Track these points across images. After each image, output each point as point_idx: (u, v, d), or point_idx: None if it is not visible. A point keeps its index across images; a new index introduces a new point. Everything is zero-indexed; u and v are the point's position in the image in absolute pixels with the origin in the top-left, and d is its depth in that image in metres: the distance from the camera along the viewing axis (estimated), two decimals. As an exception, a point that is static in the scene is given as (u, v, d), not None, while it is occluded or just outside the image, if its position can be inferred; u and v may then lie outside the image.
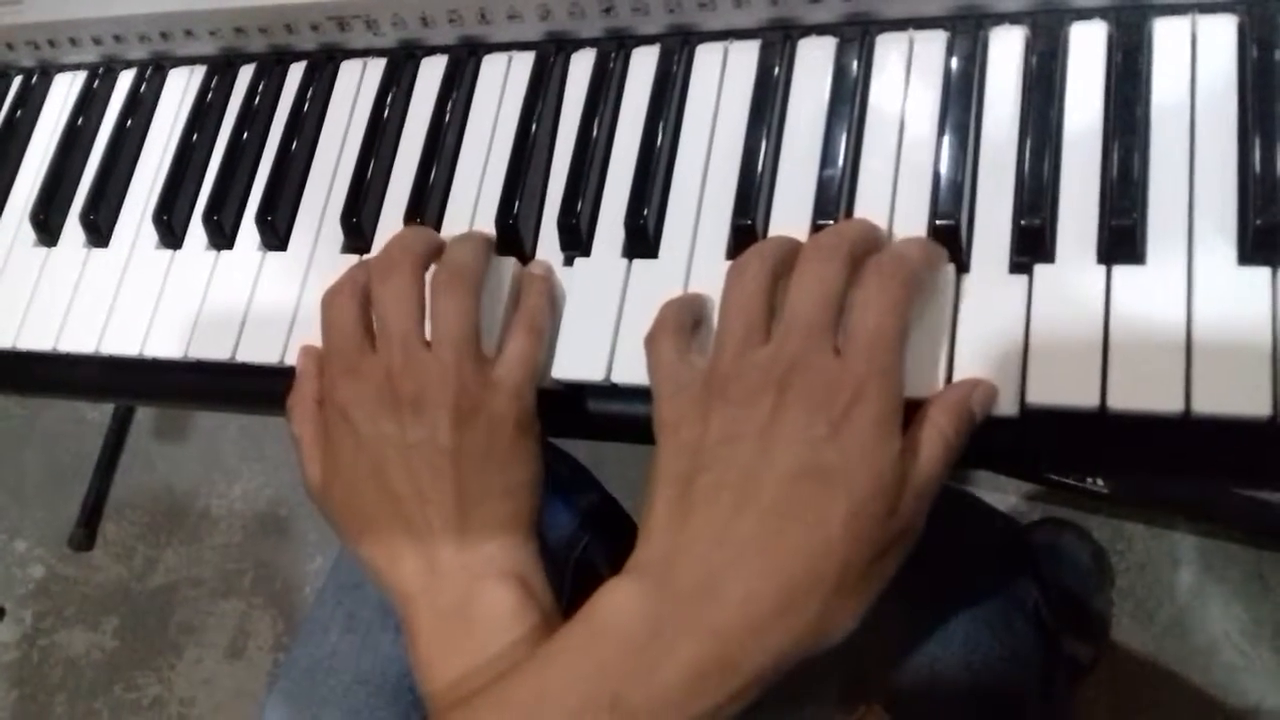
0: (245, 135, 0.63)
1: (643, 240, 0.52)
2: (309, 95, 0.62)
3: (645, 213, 0.52)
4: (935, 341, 0.46)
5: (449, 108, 0.59)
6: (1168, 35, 0.49)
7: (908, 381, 0.44)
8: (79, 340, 0.60)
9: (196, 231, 0.61)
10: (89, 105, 0.67)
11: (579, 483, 0.75)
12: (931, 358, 0.46)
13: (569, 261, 0.54)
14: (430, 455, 0.48)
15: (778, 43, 0.54)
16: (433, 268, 0.52)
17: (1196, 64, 0.48)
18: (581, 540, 0.71)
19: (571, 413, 0.53)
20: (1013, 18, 0.51)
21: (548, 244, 0.55)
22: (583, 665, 0.41)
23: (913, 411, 0.44)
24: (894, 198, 0.50)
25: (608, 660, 0.41)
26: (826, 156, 0.51)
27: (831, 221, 0.49)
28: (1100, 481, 1.15)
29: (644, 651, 0.40)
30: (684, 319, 0.48)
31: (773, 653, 0.40)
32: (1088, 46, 0.49)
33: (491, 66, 0.60)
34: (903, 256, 0.45)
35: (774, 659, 0.40)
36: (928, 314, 0.46)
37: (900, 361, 0.42)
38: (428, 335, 0.50)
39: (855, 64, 0.53)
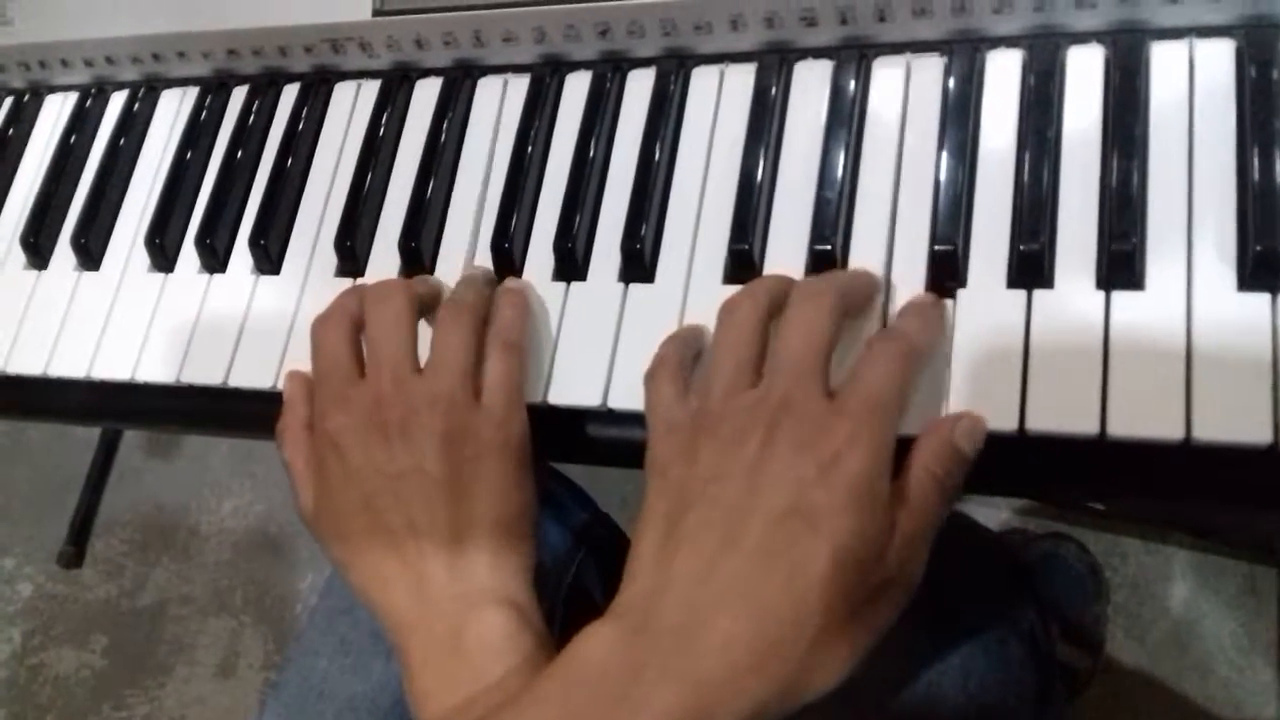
0: (238, 157, 0.62)
1: (639, 265, 0.52)
2: (303, 117, 0.62)
3: (642, 237, 0.52)
4: (934, 368, 0.46)
5: (444, 130, 0.59)
6: (1165, 59, 0.49)
7: (907, 415, 0.43)
8: (70, 365, 0.60)
9: (189, 255, 0.61)
10: (80, 126, 0.67)
11: (572, 501, 0.74)
12: (929, 386, 0.46)
13: (561, 282, 0.54)
14: (420, 483, 0.48)
15: (774, 66, 0.54)
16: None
17: (1194, 88, 0.48)
18: (575, 560, 0.70)
19: (570, 438, 0.53)
20: (1010, 41, 0.51)
21: (543, 268, 0.54)
22: (559, 711, 0.40)
23: (906, 451, 0.43)
24: (892, 223, 0.50)
25: (583, 707, 0.40)
26: (824, 180, 0.51)
27: (829, 246, 0.49)
28: (1094, 497, 1.15)
29: (619, 699, 0.40)
30: (684, 356, 0.48)
31: (751, 702, 0.39)
32: (1085, 70, 0.49)
33: (487, 89, 0.60)
34: (909, 329, 0.45)
35: (753, 709, 0.39)
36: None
37: (894, 418, 0.42)
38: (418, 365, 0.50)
39: (852, 87, 0.52)
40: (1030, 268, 0.46)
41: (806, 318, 0.43)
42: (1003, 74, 0.51)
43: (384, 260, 0.57)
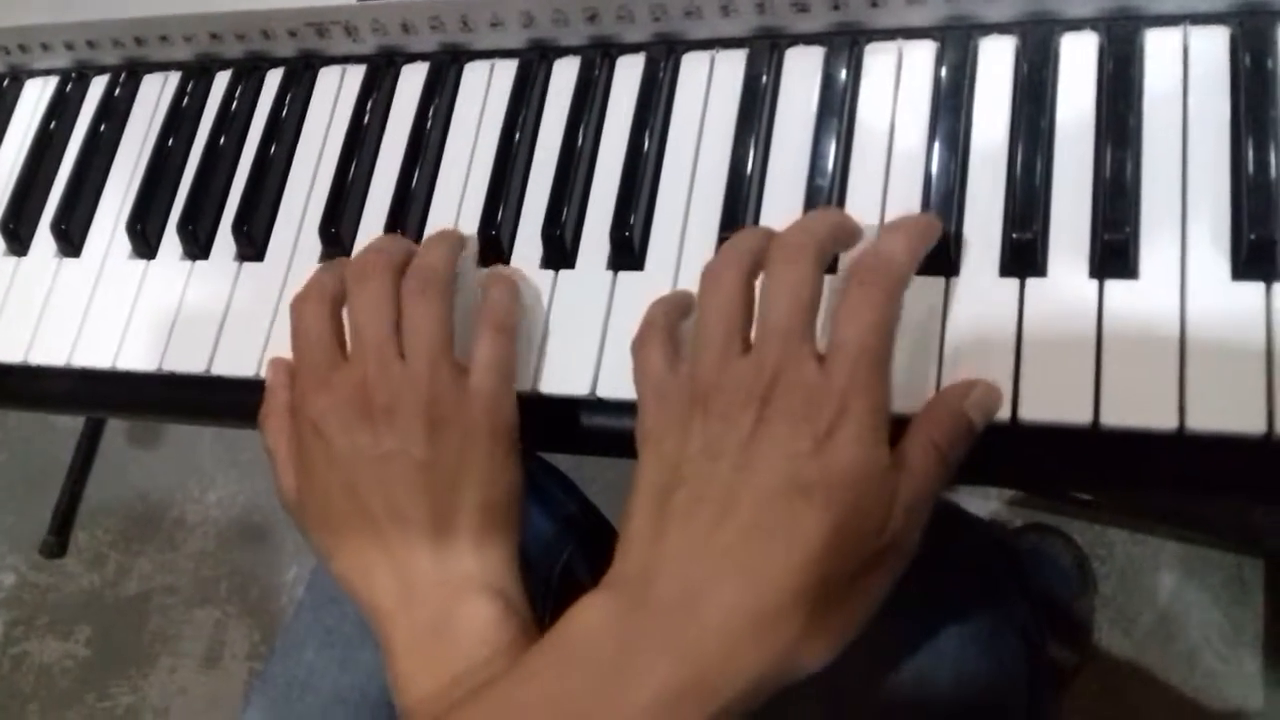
0: (221, 142, 0.61)
1: (629, 252, 0.51)
2: (287, 102, 0.61)
3: (631, 225, 0.51)
4: (924, 357, 0.46)
5: (430, 116, 0.58)
6: (1159, 46, 0.48)
7: (895, 397, 0.43)
8: (50, 352, 0.59)
9: (171, 241, 0.60)
10: (61, 111, 0.66)
11: (560, 491, 0.74)
12: (920, 373, 0.45)
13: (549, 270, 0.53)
14: (404, 468, 0.47)
15: (765, 52, 0.54)
16: None
17: (1189, 75, 0.47)
18: (564, 550, 0.70)
19: (559, 427, 0.52)
20: (1003, 28, 0.51)
21: (531, 255, 0.54)
22: (553, 686, 0.40)
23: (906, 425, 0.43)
24: (883, 211, 0.49)
25: (578, 681, 0.40)
26: (815, 167, 0.50)
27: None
28: (1082, 488, 1.15)
29: (616, 672, 0.39)
30: (672, 320, 0.47)
31: (749, 675, 0.39)
32: (1079, 57, 0.49)
33: (474, 74, 0.59)
34: (885, 259, 0.43)
35: (751, 682, 0.39)
36: (917, 329, 0.46)
37: (886, 373, 0.41)
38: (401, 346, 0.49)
39: (844, 74, 0.52)
40: (1023, 256, 0.46)
41: (788, 280, 0.42)
42: (995, 61, 0.50)
43: (369, 247, 0.56)
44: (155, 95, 0.65)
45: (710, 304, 0.44)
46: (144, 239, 0.60)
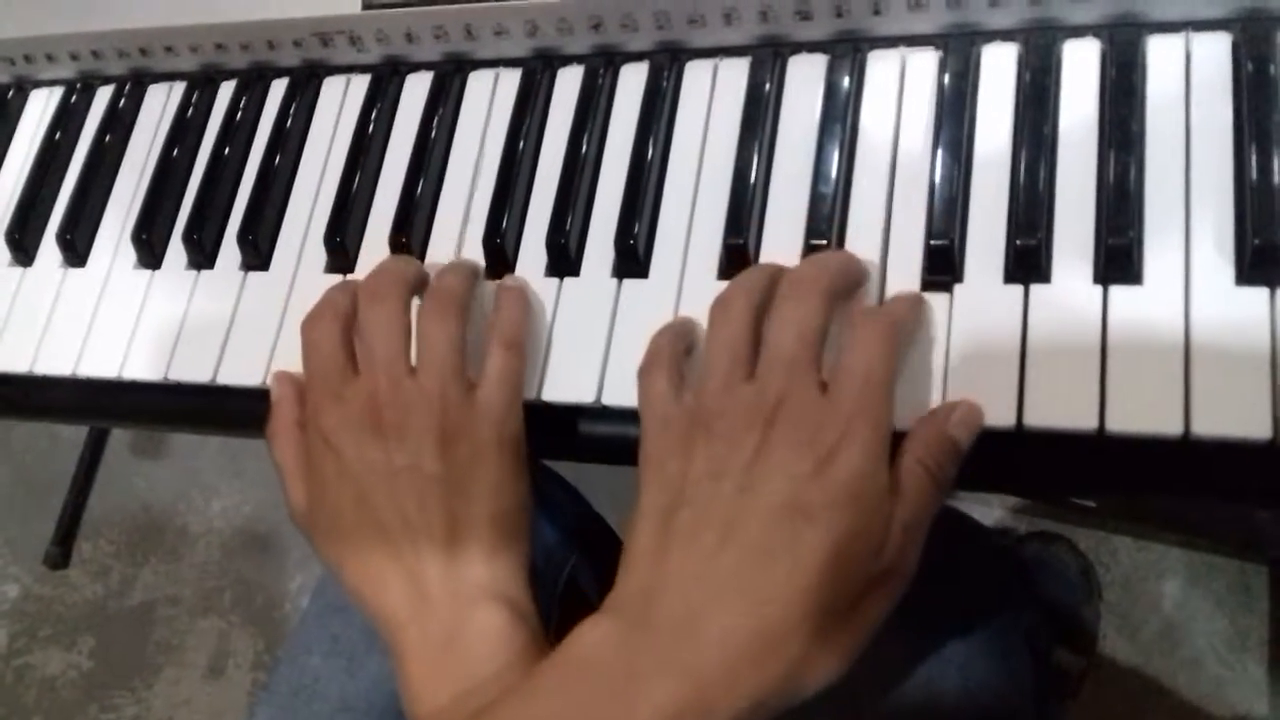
0: (226, 152, 0.61)
1: (633, 260, 0.52)
2: (291, 112, 0.61)
3: (635, 233, 0.51)
4: (929, 364, 0.46)
5: (434, 125, 0.58)
6: (1162, 52, 0.48)
7: (901, 407, 0.43)
8: (56, 362, 0.59)
9: (176, 251, 0.60)
10: (66, 121, 0.66)
11: (565, 501, 0.74)
12: (925, 381, 0.45)
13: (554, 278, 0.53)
14: (416, 482, 0.47)
15: (768, 60, 0.54)
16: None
17: (1191, 81, 0.47)
18: (569, 560, 0.70)
19: (564, 435, 0.52)
20: (1005, 35, 0.51)
21: (536, 263, 0.54)
22: (557, 704, 0.41)
23: (902, 438, 0.43)
24: (888, 216, 0.49)
25: (582, 701, 0.40)
26: (819, 175, 0.51)
27: (824, 241, 0.49)
28: (1086, 494, 1.15)
29: (619, 692, 0.40)
30: (678, 349, 0.47)
31: (751, 696, 0.39)
32: (1081, 64, 0.49)
33: (478, 83, 0.59)
34: (889, 308, 0.45)
35: (752, 703, 0.39)
36: (921, 337, 0.46)
37: (890, 398, 0.42)
38: (412, 362, 0.49)
39: (847, 81, 0.52)
40: (1027, 262, 0.46)
41: (797, 315, 0.43)
42: (998, 68, 0.50)
43: (374, 256, 0.56)
44: (160, 105, 0.65)
45: (718, 333, 0.45)
46: (149, 249, 0.60)
